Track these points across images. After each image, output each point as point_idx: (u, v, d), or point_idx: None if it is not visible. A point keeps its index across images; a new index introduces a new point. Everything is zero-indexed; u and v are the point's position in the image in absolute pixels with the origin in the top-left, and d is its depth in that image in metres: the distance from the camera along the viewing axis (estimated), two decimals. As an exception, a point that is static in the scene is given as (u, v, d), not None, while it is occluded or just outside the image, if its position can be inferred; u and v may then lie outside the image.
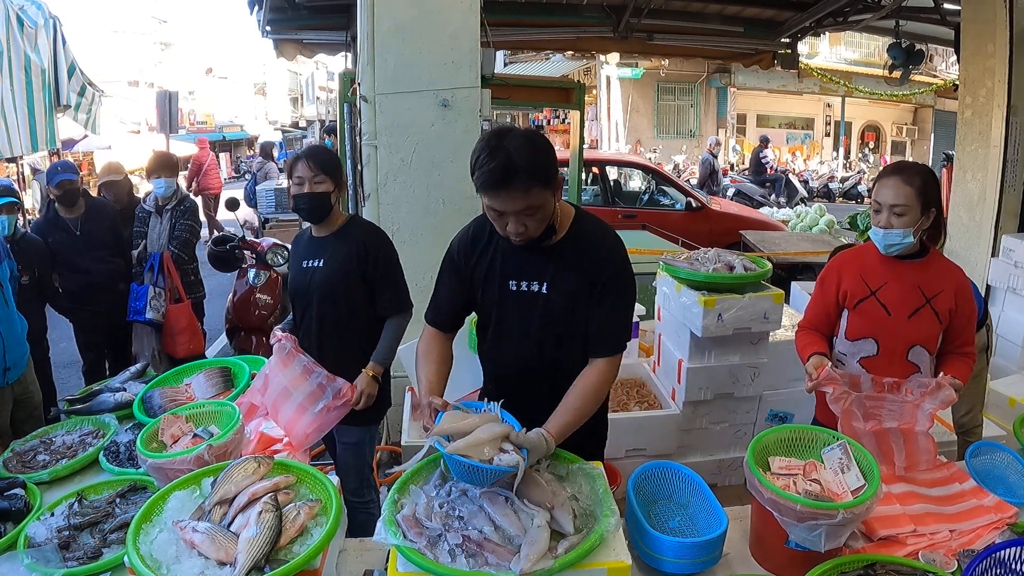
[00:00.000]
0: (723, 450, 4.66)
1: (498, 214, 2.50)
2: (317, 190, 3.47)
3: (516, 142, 2.40)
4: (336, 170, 3.55)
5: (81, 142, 18.95)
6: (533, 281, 2.68)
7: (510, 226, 2.50)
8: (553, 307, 2.67)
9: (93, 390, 3.89)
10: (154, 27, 44.77)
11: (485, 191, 2.44)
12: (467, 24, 4.96)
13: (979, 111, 7.32)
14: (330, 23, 9.36)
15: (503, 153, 2.36)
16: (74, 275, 5.80)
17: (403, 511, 2.19)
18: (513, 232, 2.51)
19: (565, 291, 2.65)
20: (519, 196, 2.42)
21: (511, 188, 2.39)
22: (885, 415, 2.80)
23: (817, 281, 3.30)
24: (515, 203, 2.43)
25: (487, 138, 2.45)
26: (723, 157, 26.89)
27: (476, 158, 2.43)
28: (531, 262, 2.68)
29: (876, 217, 2.97)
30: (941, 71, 26.30)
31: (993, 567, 2.03)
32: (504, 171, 2.36)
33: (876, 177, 3.09)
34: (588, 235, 2.70)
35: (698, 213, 11.34)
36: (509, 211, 2.46)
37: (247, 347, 6.78)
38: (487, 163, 2.38)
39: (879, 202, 2.96)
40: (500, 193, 2.42)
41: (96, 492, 2.81)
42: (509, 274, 2.71)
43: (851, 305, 3.12)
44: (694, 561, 2.32)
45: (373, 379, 3.48)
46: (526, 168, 2.38)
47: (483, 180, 2.41)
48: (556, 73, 23.51)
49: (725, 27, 10.17)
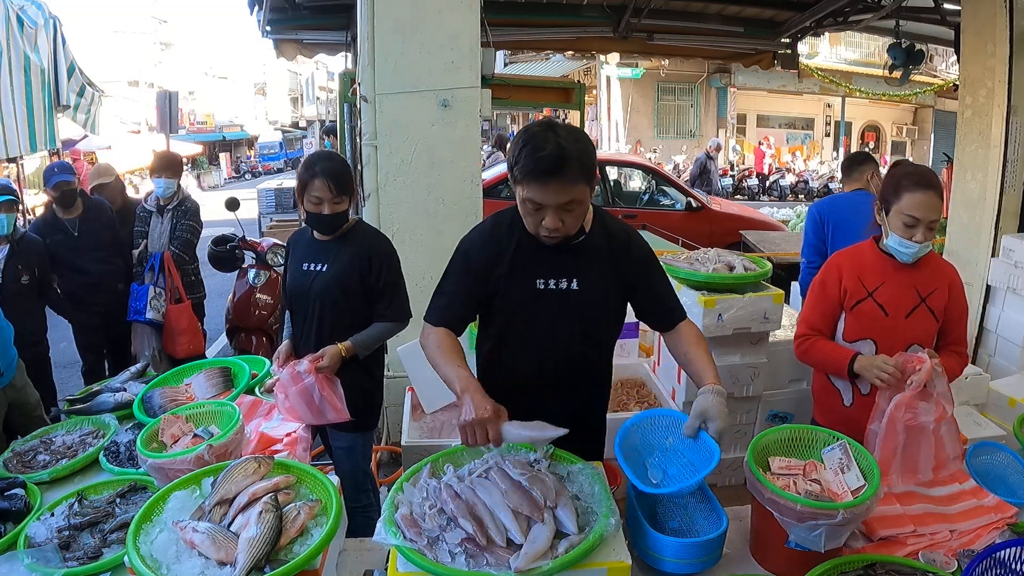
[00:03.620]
0: (723, 450, 4.64)
1: (536, 207, 2.42)
2: (338, 211, 3.41)
3: (566, 132, 2.37)
4: (352, 183, 3.48)
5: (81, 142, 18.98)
6: (562, 279, 2.61)
7: (548, 220, 2.42)
8: (587, 303, 2.63)
9: (93, 390, 3.89)
10: (154, 27, 44.87)
11: (532, 180, 2.36)
12: (467, 24, 4.95)
13: (979, 111, 7.31)
14: (330, 23, 9.37)
15: (554, 141, 2.31)
16: (72, 276, 5.81)
17: (400, 510, 2.20)
18: (550, 227, 2.44)
19: (599, 287, 2.64)
20: (566, 188, 2.36)
21: (561, 178, 2.33)
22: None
23: (815, 283, 3.25)
24: (560, 195, 2.37)
25: (532, 128, 2.40)
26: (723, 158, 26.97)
27: (522, 146, 2.36)
28: (559, 260, 2.61)
29: (908, 231, 2.92)
30: (941, 71, 26.31)
31: (993, 567, 2.03)
32: (556, 160, 2.30)
33: (892, 186, 3.00)
34: (615, 233, 2.69)
35: (698, 213, 11.33)
36: (551, 204, 2.39)
37: (247, 347, 6.78)
38: (537, 150, 2.31)
39: (914, 217, 2.89)
40: (548, 183, 2.34)
41: (96, 492, 2.81)
42: (537, 273, 2.61)
43: (849, 306, 3.11)
44: (694, 561, 2.32)
45: (340, 354, 3.40)
46: (577, 158, 2.34)
47: (532, 167, 2.33)
48: (556, 73, 23.56)
49: (725, 27, 10.17)
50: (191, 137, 36.68)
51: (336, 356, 3.36)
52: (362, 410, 3.57)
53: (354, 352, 3.44)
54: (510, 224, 2.63)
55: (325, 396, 3.31)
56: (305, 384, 3.29)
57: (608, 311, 2.73)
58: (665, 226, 9.96)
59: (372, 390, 3.73)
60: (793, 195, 25.36)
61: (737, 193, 25.21)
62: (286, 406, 3.37)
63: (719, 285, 4.26)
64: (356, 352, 3.45)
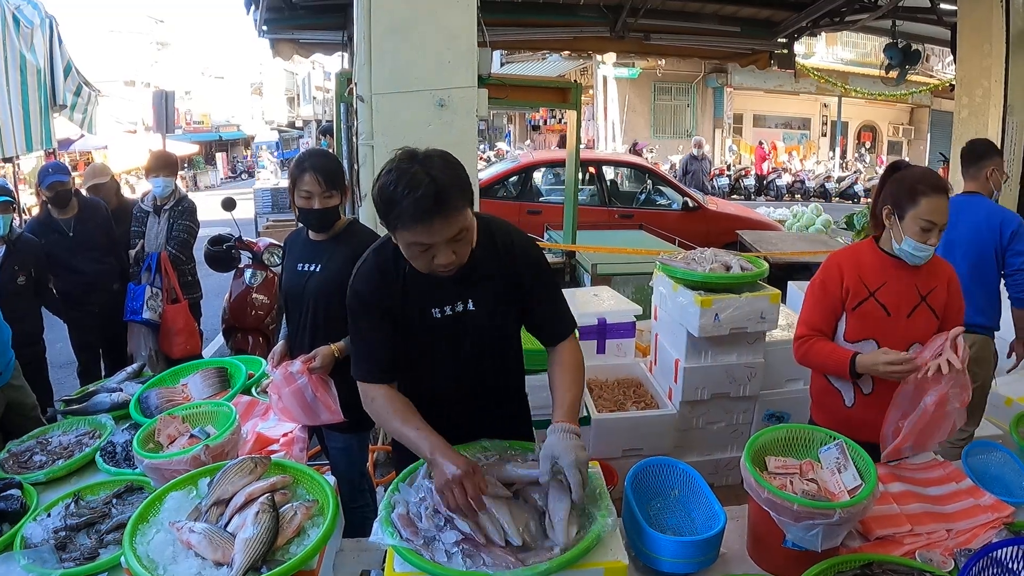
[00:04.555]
0: (720, 450, 4.66)
1: (424, 248, 2.24)
2: (328, 205, 3.39)
3: (435, 162, 2.21)
4: (342, 179, 3.46)
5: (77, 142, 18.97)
6: (457, 302, 2.50)
7: (439, 258, 2.26)
8: (485, 321, 2.56)
9: (90, 391, 3.89)
10: (150, 27, 44.85)
11: (413, 224, 2.17)
12: (464, 24, 4.94)
13: (975, 111, 7.34)
14: (327, 23, 9.38)
15: (426, 177, 2.14)
16: (68, 276, 5.80)
17: (397, 510, 2.20)
18: (443, 264, 2.27)
19: (492, 302, 2.55)
20: (452, 221, 2.19)
21: (444, 214, 2.16)
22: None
23: (815, 284, 3.22)
24: (447, 230, 2.20)
25: (402, 165, 2.20)
26: (719, 157, 27.02)
27: (391, 190, 2.16)
28: (450, 283, 2.46)
29: (925, 235, 2.90)
30: (937, 71, 26.41)
31: (990, 566, 2.03)
32: (436, 197, 2.13)
33: (908, 191, 2.95)
34: (499, 238, 2.55)
35: (695, 213, 11.35)
36: (440, 241, 2.22)
37: (244, 347, 6.78)
38: (411, 192, 2.13)
39: (932, 222, 2.89)
40: (432, 223, 2.16)
41: (93, 493, 2.80)
42: (430, 302, 2.50)
43: (851, 307, 3.09)
44: (691, 560, 2.32)
45: (332, 354, 3.36)
46: (455, 186, 2.20)
47: (411, 212, 2.14)
48: (553, 73, 23.65)
49: (722, 27, 10.20)
50: (187, 137, 36.64)
51: (329, 357, 3.34)
52: (357, 411, 3.55)
53: (347, 352, 3.42)
54: (394, 258, 2.47)
55: (319, 397, 3.30)
56: (298, 385, 3.28)
57: (507, 323, 2.67)
58: (661, 226, 9.97)
59: None
60: (790, 195, 25.41)
61: (734, 193, 25.27)
62: (280, 407, 3.37)
63: (716, 285, 4.26)
64: (349, 352, 3.43)
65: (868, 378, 3.07)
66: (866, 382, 3.10)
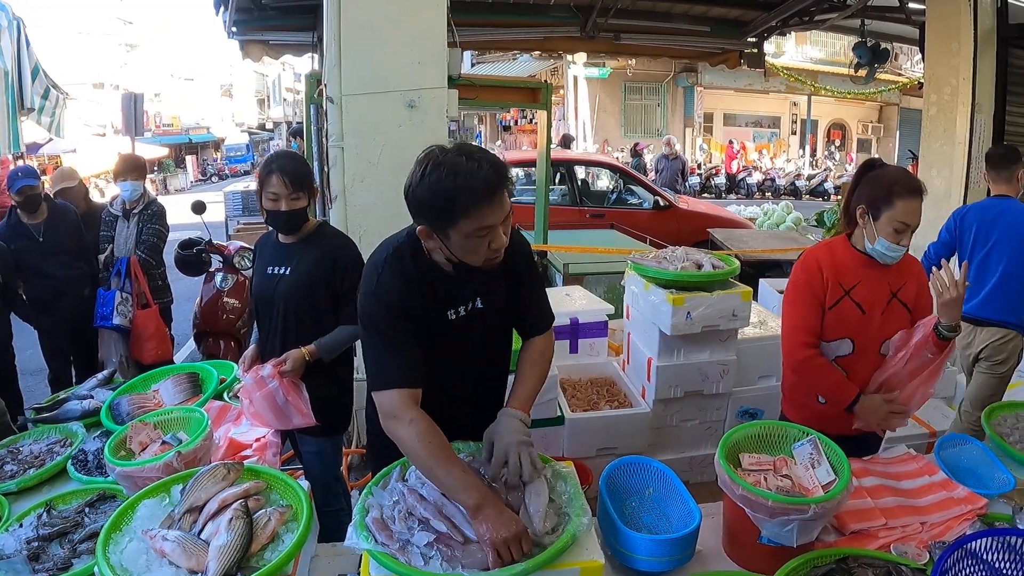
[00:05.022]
0: (694, 447, 4.67)
1: (486, 231, 2.23)
2: (295, 207, 3.37)
3: (471, 148, 2.25)
4: (310, 181, 3.45)
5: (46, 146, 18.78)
6: (469, 302, 2.51)
7: (496, 241, 2.27)
8: (492, 319, 2.59)
9: (60, 398, 3.85)
10: (119, 28, 44.40)
11: (485, 201, 2.17)
12: (434, 24, 4.94)
13: (944, 108, 7.42)
14: (296, 24, 9.31)
15: (476, 159, 2.18)
16: (38, 281, 5.72)
17: (371, 514, 2.19)
18: (499, 245, 2.29)
19: (498, 300, 2.58)
20: (506, 199, 2.24)
21: (505, 188, 2.22)
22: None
23: (799, 284, 3.14)
24: (505, 206, 2.24)
25: (440, 160, 2.19)
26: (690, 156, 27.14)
27: (451, 180, 2.15)
28: (461, 284, 2.48)
29: (898, 236, 2.91)
30: (906, 69, 26.65)
31: (964, 558, 2.05)
32: (497, 171, 2.18)
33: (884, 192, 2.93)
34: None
35: (666, 212, 11.38)
36: (498, 221, 2.24)
37: (215, 352, 6.73)
38: (475, 173, 2.15)
39: (905, 223, 2.89)
40: (500, 196, 2.20)
41: (65, 502, 2.78)
42: (446, 305, 2.48)
43: (828, 306, 3.07)
44: (667, 559, 2.32)
45: (303, 358, 3.34)
46: (500, 163, 2.24)
47: (482, 189, 2.15)
48: (523, 73, 23.64)
49: (692, 26, 10.24)
50: (157, 140, 36.36)
51: (299, 360, 3.32)
52: (331, 414, 3.54)
53: (318, 356, 3.40)
54: (414, 263, 2.43)
55: (290, 401, 3.29)
56: (269, 389, 3.27)
57: (508, 321, 2.71)
58: (633, 225, 10.00)
59: (340, 393, 3.70)
60: (760, 193, 25.56)
61: (704, 191, 25.38)
62: (251, 412, 3.35)
63: (687, 283, 4.28)
64: (320, 356, 3.40)
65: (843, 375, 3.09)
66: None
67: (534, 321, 2.73)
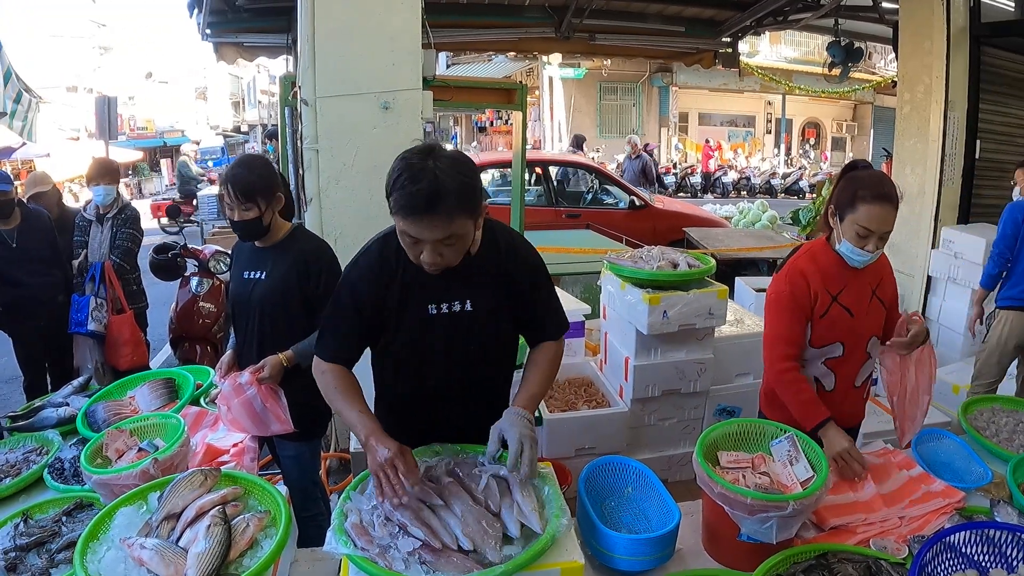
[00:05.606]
0: (672, 446, 4.69)
1: (413, 241, 2.26)
2: (245, 217, 3.32)
3: (443, 163, 2.20)
4: (263, 191, 3.32)
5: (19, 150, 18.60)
6: (454, 301, 2.50)
7: (425, 255, 2.28)
8: (483, 323, 2.56)
9: (35, 406, 3.81)
10: (93, 31, 44.00)
11: (404, 215, 2.19)
12: (408, 26, 4.92)
13: (917, 107, 7.49)
14: (271, 26, 9.26)
15: (429, 175, 2.16)
16: (11, 288, 5.65)
17: (350, 519, 2.18)
18: (427, 262, 2.29)
19: (491, 304, 2.55)
20: (442, 224, 2.19)
21: (434, 215, 2.17)
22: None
23: (783, 295, 3.08)
24: (436, 231, 2.21)
25: (410, 156, 2.23)
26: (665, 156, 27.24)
27: (396, 177, 2.20)
28: (450, 282, 2.47)
29: (861, 241, 2.87)
30: (880, 68, 26.88)
31: (943, 551, 2.07)
32: (429, 196, 2.14)
33: (848, 195, 2.91)
34: (502, 242, 2.59)
35: (641, 211, 11.41)
36: (427, 239, 2.23)
37: (192, 357, 6.69)
38: (409, 184, 2.16)
39: (868, 229, 2.84)
40: (421, 219, 2.18)
41: (42, 511, 2.75)
42: (428, 298, 2.49)
43: (819, 315, 3.03)
44: (647, 558, 2.33)
45: (281, 364, 3.34)
46: (454, 193, 2.18)
47: (403, 203, 2.17)
48: (499, 74, 23.66)
49: (666, 27, 10.28)
50: (131, 143, 36.02)
51: (277, 366, 3.31)
52: (308, 419, 3.52)
53: (296, 361, 3.38)
54: (397, 249, 2.43)
55: (268, 407, 3.27)
56: (247, 396, 3.25)
57: (504, 326, 2.66)
58: (608, 225, 10.01)
59: (318, 399, 3.68)
60: (736, 192, 25.71)
61: (680, 190, 25.48)
62: (229, 419, 3.33)
63: (664, 282, 4.29)
64: (298, 361, 3.37)
65: (831, 375, 3.11)
66: (827, 379, 3.12)
67: (540, 328, 2.72)
